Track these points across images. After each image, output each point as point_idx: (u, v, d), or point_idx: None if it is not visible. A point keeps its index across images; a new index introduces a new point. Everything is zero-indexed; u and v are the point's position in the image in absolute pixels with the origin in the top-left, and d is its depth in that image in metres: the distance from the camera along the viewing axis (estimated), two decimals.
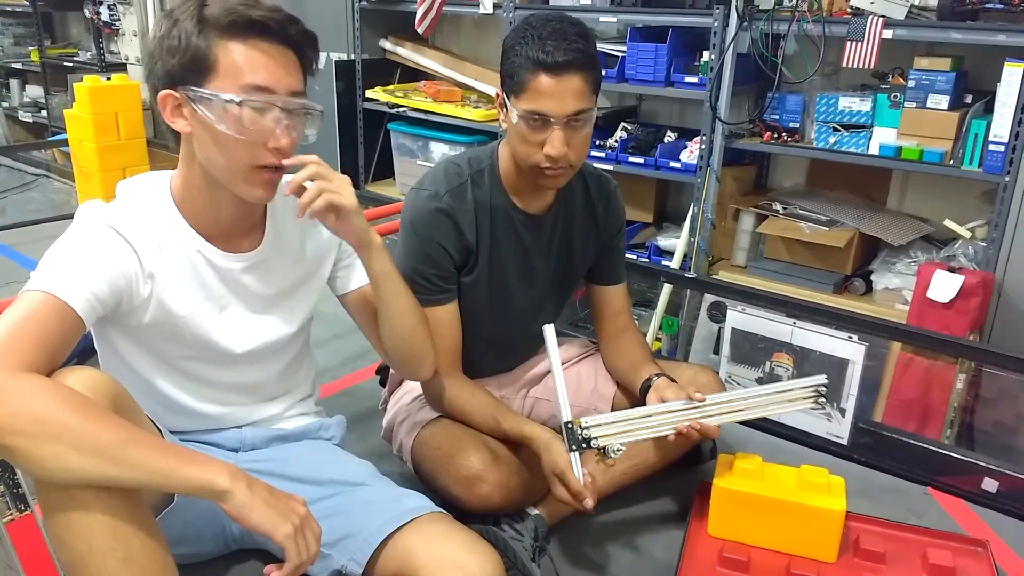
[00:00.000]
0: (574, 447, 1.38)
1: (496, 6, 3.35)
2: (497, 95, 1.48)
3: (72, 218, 1.20)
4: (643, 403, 1.53)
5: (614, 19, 3.11)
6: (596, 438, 1.40)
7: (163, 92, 1.16)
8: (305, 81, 1.22)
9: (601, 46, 3.09)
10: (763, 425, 2.03)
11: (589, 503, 1.36)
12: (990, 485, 1.81)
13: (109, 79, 3.76)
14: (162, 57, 1.15)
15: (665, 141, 3.21)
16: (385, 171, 4.05)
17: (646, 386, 1.56)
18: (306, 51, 1.20)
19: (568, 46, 1.36)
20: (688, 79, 2.96)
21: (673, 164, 3.04)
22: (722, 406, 1.52)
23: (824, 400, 1.58)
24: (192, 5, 1.13)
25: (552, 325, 1.44)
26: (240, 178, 1.19)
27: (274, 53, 1.15)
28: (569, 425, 1.39)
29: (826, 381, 1.56)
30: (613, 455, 1.39)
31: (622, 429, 1.44)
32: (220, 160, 1.18)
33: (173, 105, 1.17)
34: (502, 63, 1.45)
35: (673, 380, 1.56)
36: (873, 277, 2.82)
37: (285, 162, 1.20)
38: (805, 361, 1.98)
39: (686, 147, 3.08)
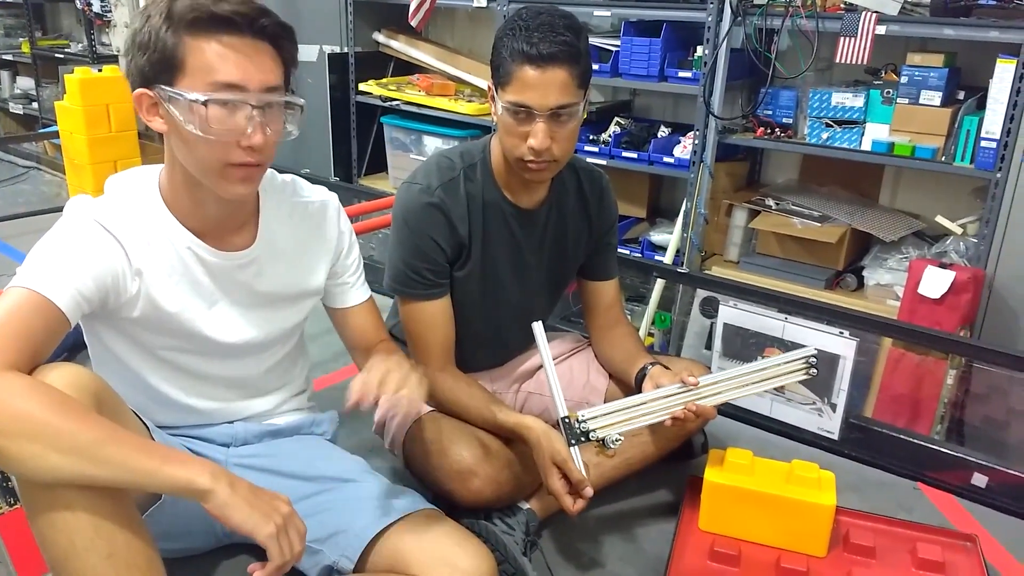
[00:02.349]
0: (573, 441, 1.39)
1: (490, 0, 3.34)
2: (488, 88, 1.48)
3: (63, 211, 1.20)
4: (639, 392, 1.53)
5: (608, 13, 3.10)
6: (594, 430, 1.41)
7: (138, 91, 1.14)
8: (287, 75, 1.18)
9: (594, 40, 3.08)
10: (754, 420, 2.04)
11: (589, 491, 1.37)
12: (979, 480, 1.82)
13: (100, 71, 3.73)
14: (134, 54, 1.12)
15: (658, 136, 3.21)
16: (378, 165, 4.04)
17: (641, 375, 1.56)
18: (283, 43, 1.15)
19: (554, 38, 1.36)
20: (682, 74, 2.95)
21: (666, 159, 3.04)
22: (716, 386, 1.51)
23: (815, 371, 1.56)
24: (163, 2, 1.10)
25: (540, 323, 1.44)
26: (215, 175, 1.17)
27: (244, 48, 1.11)
28: (566, 420, 1.40)
29: (815, 352, 1.55)
30: (612, 446, 1.40)
31: (619, 419, 1.45)
32: (192, 159, 1.16)
33: (148, 104, 1.14)
34: (492, 55, 1.45)
35: (667, 368, 1.56)
36: (865, 273, 2.82)
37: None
38: None
39: (679, 142, 3.08)
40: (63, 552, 1.00)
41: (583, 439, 1.40)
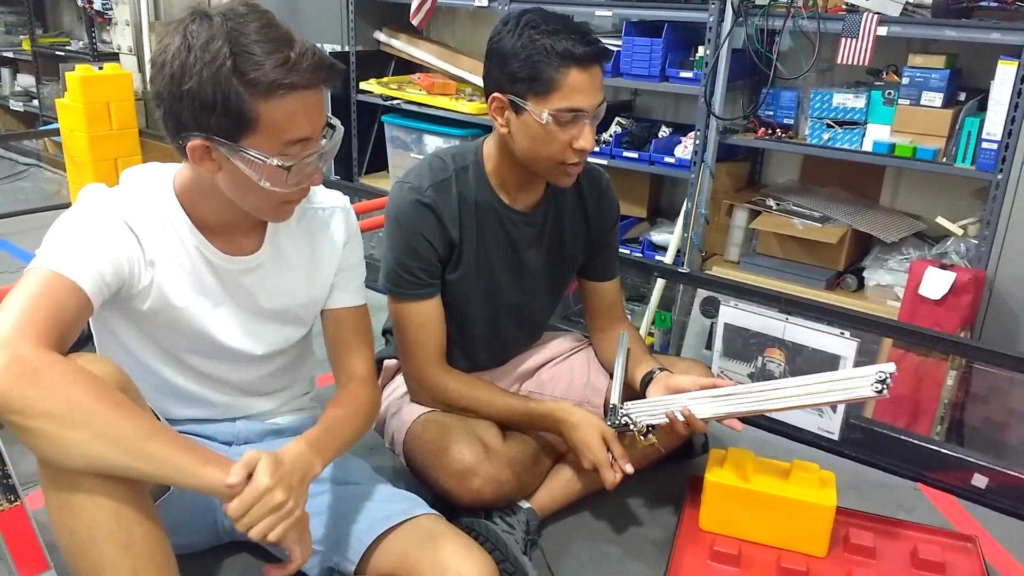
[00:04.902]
0: (614, 426, 1.50)
1: None
2: (493, 99, 1.45)
3: (63, 208, 1.19)
4: (643, 395, 1.55)
5: (609, 13, 3.10)
6: (635, 421, 1.50)
7: (195, 142, 1.09)
8: None
9: None
10: (755, 420, 2.04)
11: (630, 468, 1.46)
12: (980, 481, 1.82)
13: (101, 68, 3.73)
14: (192, 107, 1.07)
15: (659, 136, 3.20)
16: (379, 163, 4.04)
17: (647, 379, 1.56)
18: (335, 83, 1.14)
19: (587, 38, 1.37)
20: (683, 74, 2.95)
21: (667, 159, 3.04)
22: (765, 394, 1.42)
23: (885, 392, 1.32)
24: (223, 55, 1.04)
25: (626, 334, 1.63)
26: (270, 212, 1.20)
27: (311, 101, 1.10)
28: (613, 407, 1.51)
29: (893, 369, 1.32)
30: (643, 438, 1.50)
31: (657, 412, 1.49)
32: (251, 201, 1.17)
33: (202, 150, 1.11)
34: (505, 66, 1.40)
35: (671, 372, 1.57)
36: (865, 274, 2.82)
37: None
38: (797, 357, 1.99)
39: (680, 142, 3.08)
40: (82, 541, 1.01)
41: (623, 427, 1.50)
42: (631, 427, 1.50)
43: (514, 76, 1.40)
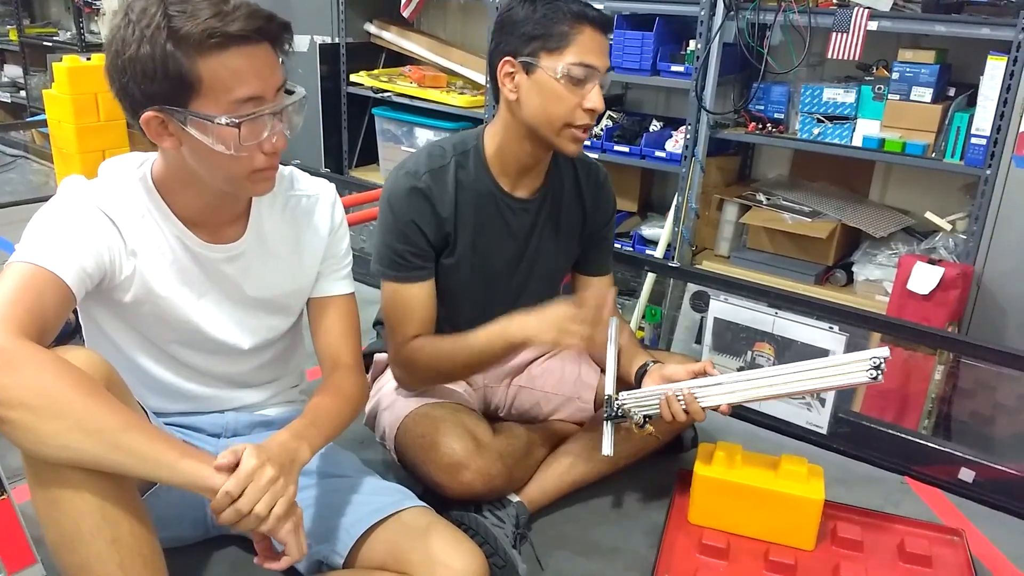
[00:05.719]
0: (611, 416, 1.49)
1: None
2: (504, 63, 1.45)
3: (50, 200, 1.18)
4: (639, 387, 1.55)
5: (601, 6, 3.08)
6: (631, 411, 1.50)
7: (146, 115, 1.08)
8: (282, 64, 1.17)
9: None
10: (743, 414, 2.05)
11: (607, 312, 1.45)
12: (966, 475, 1.83)
13: (89, 59, 3.70)
14: (135, 78, 1.06)
15: (651, 130, 3.21)
16: (369, 156, 4.03)
17: (642, 371, 1.57)
18: (284, 41, 1.13)
19: (596, 6, 1.42)
20: (674, 68, 2.95)
21: (658, 153, 3.05)
22: (760, 381, 1.44)
23: (880, 377, 1.35)
24: (157, 17, 1.04)
25: (615, 319, 1.58)
26: (240, 184, 1.17)
27: (256, 57, 1.08)
28: (609, 397, 1.51)
29: (887, 354, 1.34)
30: (639, 429, 1.51)
31: (652, 402, 1.49)
32: (217, 173, 1.15)
33: (158, 124, 1.10)
34: (518, 29, 1.42)
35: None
36: (854, 268, 2.83)
37: None
38: (786, 351, 2.00)
39: (671, 136, 3.08)
40: (68, 536, 1.00)
41: (619, 417, 1.50)
42: (627, 418, 1.49)
43: (528, 36, 1.42)
